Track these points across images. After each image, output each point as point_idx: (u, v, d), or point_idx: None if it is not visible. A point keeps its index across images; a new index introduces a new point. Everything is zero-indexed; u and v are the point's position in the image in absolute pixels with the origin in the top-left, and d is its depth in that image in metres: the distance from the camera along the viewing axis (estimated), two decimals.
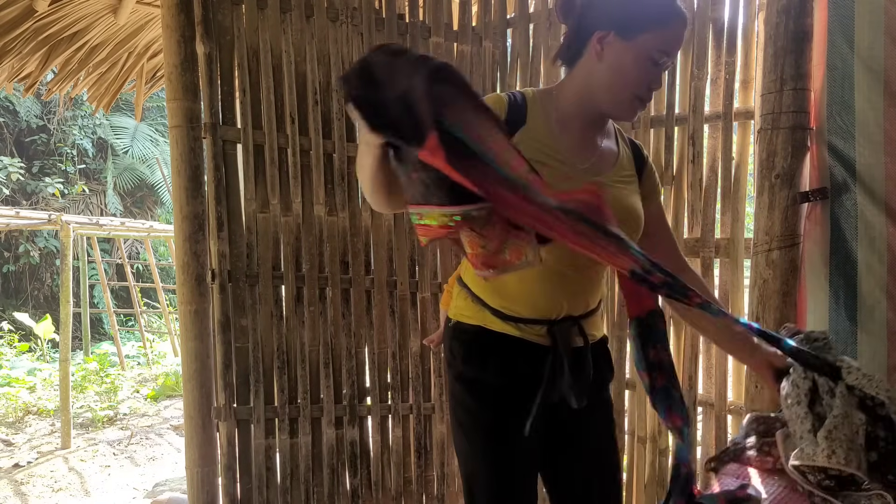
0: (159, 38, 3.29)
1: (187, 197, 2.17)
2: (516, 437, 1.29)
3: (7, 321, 8.89)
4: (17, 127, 10.78)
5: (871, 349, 1.61)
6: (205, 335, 2.20)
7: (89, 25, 3.15)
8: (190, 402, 2.20)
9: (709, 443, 2.13)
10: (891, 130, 1.56)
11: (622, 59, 1.19)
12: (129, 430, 5.26)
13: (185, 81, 2.16)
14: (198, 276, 2.18)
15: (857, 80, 1.61)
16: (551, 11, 2.46)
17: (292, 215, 2.32)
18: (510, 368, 1.29)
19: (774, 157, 1.70)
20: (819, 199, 1.67)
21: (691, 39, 2.12)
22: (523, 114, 1.28)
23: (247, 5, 2.25)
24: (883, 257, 1.58)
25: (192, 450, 2.21)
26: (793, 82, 1.67)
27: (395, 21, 2.47)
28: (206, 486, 2.21)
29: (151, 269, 8.31)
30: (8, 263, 10.30)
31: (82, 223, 6.19)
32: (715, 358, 2.11)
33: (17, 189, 10.38)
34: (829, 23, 1.65)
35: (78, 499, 3.87)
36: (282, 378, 2.29)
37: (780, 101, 1.69)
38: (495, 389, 1.30)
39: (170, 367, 7.26)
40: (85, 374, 6.60)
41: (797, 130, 1.69)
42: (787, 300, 1.70)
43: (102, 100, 3.89)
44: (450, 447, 2.54)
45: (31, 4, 2.77)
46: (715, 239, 2.10)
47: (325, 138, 2.37)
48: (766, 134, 1.72)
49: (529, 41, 2.53)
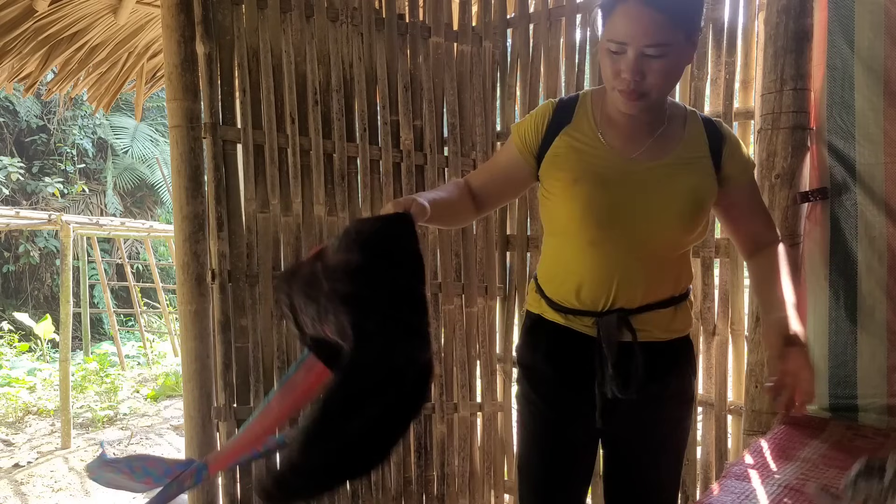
0: (159, 38, 3.29)
1: (187, 197, 2.17)
2: (563, 425, 1.36)
3: (7, 321, 8.90)
4: (17, 127, 10.78)
5: (871, 349, 1.61)
6: (205, 335, 2.20)
7: (89, 25, 3.15)
8: (190, 402, 2.20)
9: (709, 442, 2.13)
10: (891, 130, 1.56)
11: (600, 54, 1.23)
12: (129, 430, 5.26)
13: (185, 81, 2.16)
14: (198, 276, 2.18)
15: (857, 80, 1.61)
16: (551, 11, 2.46)
17: (292, 215, 2.32)
18: (558, 357, 1.35)
19: (774, 157, 1.70)
20: (819, 199, 1.67)
21: None
22: (570, 113, 1.34)
23: (247, 5, 2.25)
24: (883, 257, 1.58)
25: (192, 450, 2.21)
26: (793, 82, 1.67)
27: (395, 21, 2.47)
28: (206, 486, 2.21)
29: (151, 269, 8.31)
30: (8, 263, 10.30)
31: (82, 223, 6.19)
32: (715, 358, 2.11)
33: (17, 189, 10.38)
34: (829, 23, 1.65)
35: (78, 499, 3.87)
36: (282, 378, 2.29)
37: (780, 101, 1.69)
38: (546, 377, 1.36)
39: (170, 367, 7.26)
40: (85, 374, 6.60)
41: (797, 130, 1.68)
42: None
43: (102, 100, 3.89)
44: (450, 447, 2.55)
45: (31, 4, 2.77)
46: (715, 239, 2.10)
47: (325, 138, 2.37)
48: (766, 134, 1.72)
49: (529, 41, 2.53)
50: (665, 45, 1.15)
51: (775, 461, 1.42)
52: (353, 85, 2.43)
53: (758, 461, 1.42)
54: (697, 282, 2.14)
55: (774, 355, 1.19)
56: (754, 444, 1.54)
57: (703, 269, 2.12)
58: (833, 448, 1.48)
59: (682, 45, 1.17)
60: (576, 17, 2.42)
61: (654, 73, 1.17)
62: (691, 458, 2.15)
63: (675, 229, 1.28)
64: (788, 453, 1.45)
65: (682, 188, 1.27)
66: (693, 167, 1.29)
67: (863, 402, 1.63)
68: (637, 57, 1.16)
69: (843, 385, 1.65)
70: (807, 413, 1.65)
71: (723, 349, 2.10)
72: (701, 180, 1.29)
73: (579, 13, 2.41)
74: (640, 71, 1.17)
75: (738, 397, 2.04)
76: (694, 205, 1.27)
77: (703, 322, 2.13)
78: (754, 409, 1.74)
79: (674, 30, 1.15)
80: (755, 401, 1.75)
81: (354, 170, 2.45)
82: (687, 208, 1.27)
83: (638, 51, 1.15)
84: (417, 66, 2.51)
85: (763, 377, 1.72)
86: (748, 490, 1.28)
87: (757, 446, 1.51)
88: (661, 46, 1.15)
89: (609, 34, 1.17)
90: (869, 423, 1.61)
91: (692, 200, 1.27)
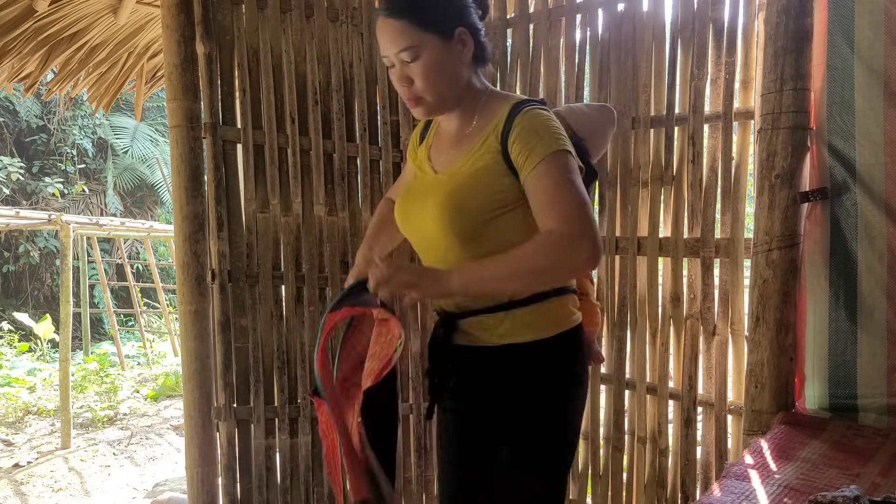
0: (159, 38, 3.29)
1: (187, 197, 2.17)
2: (442, 426, 1.45)
3: (7, 321, 8.89)
4: (17, 127, 10.78)
5: (871, 349, 1.61)
6: (205, 335, 2.20)
7: (89, 25, 3.15)
8: (190, 402, 2.20)
9: (709, 442, 2.13)
10: (891, 130, 1.56)
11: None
12: (129, 430, 5.26)
13: (185, 81, 2.16)
14: (198, 276, 2.18)
15: (857, 80, 1.61)
16: (551, 11, 2.46)
17: (292, 215, 2.32)
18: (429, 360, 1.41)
19: (774, 157, 1.70)
20: (819, 199, 1.67)
21: (691, 39, 2.12)
22: (426, 131, 1.43)
23: (247, 5, 2.25)
24: (883, 257, 1.58)
25: (192, 450, 2.21)
26: (793, 82, 1.67)
27: None
28: (206, 486, 2.21)
29: (151, 269, 8.31)
30: (8, 263, 10.30)
31: (82, 223, 6.19)
32: (715, 358, 2.11)
33: (17, 189, 10.38)
34: (829, 23, 1.65)
35: (78, 499, 3.87)
36: (282, 378, 2.29)
37: (780, 101, 1.69)
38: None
39: (170, 367, 7.26)
40: (85, 374, 6.60)
41: (797, 130, 1.68)
42: (787, 300, 1.70)
43: (102, 100, 3.89)
44: None
45: (31, 4, 2.77)
46: (715, 239, 2.10)
47: (325, 138, 2.37)
48: (766, 134, 1.72)
49: (529, 41, 2.53)
50: (413, 47, 1.20)
51: (775, 461, 1.42)
52: (353, 85, 2.43)
53: (758, 461, 1.43)
54: (697, 282, 2.14)
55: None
56: (754, 444, 1.54)
57: (703, 269, 2.12)
58: (833, 448, 1.49)
59: (436, 44, 1.21)
60: (576, 17, 2.42)
61: (418, 77, 1.22)
62: (691, 458, 2.15)
63: (446, 236, 1.26)
64: (788, 453, 1.45)
65: (441, 195, 1.25)
66: (480, 168, 1.24)
67: (863, 402, 1.63)
68: (398, 65, 1.23)
69: (843, 385, 1.65)
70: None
71: (723, 349, 2.10)
72: (477, 181, 1.24)
73: (579, 13, 2.41)
74: (404, 77, 1.24)
75: (738, 397, 2.04)
76: (452, 210, 1.23)
77: (703, 322, 2.13)
78: (754, 409, 1.74)
79: (420, 32, 1.20)
80: (755, 401, 1.75)
81: (354, 170, 2.45)
82: (443, 214, 1.24)
83: (396, 60, 1.23)
84: None
85: (763, 377, 1.72)
86: (748, 490, 1.28)
87: (757, 446, 1.51)
88: (411, 50, 1.20)
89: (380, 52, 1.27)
90: (869, 423, 1.61)
91: (448, 206, 1.24)
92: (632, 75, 2.25)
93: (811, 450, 1.47)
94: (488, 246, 1.23)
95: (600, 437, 2.41)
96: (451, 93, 1.26)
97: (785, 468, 1.38)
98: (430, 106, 1.26)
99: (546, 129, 1.20)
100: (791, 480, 1.30)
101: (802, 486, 1.27)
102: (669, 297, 2.20)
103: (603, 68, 2.33)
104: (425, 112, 1.28)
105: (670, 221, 2.19)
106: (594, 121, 1.94)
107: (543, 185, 1.16)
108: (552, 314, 1.28)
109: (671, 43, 2.18)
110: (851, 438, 1.54)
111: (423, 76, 1.22)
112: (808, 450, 1.47)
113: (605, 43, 2.33)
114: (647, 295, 2.25)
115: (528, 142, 1.18)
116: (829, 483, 1.28)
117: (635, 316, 2.28)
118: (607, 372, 2.37)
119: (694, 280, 2.16)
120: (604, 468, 2.40)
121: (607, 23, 2.33)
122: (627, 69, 2.26)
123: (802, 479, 1.32)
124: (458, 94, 1.27)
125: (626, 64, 2.26)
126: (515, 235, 1.21)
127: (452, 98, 1.27)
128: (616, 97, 2.29)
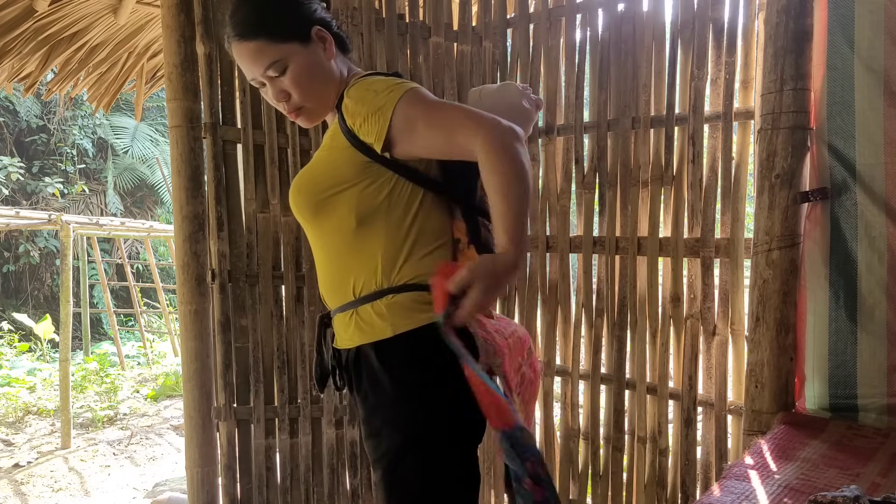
0: (159, 38, 3.29)
1: (187, 197, 2.17)
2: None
3: (7, 321, 8.90)
4: (17, 127, 10.78)
5: (871, 349, 1.61)
6: (205, 335, 2.20)
7: (89, 25, 3.15)
8: (190, 402, 2.20)
9: (709, 442, 2.13)
10: (891, 130, 1.56)
11: None
12: (129, 430, 5.26)
13: (185, 81, 2.16)
14: (198, 276, 2.18)
15: (857, 80, 1.61)
16: (551, 11, 2.46)
17: (292, 215, 2.31)
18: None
19: (774, 157, 1.70)
20: (819, 199, 1.67)
21: (691, 39, 2.12)
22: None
23: None
24: (883, 257, 1.58)
25: (192, 450, 2.21)
26: (793, 82, 1.67)
27: (395, 21, 2.47)
28: (206, 486, 2.21)
29: (151, 269, 8.32)
30: (8, 263, 10.30)
31: (82, 223, 6.19)
32: (715, 358, 2.11)
33: (17, 189, 10.38)
34: (829, 23, 1.65)
35: (78, 499, 3.87)
36: (282, 378, 2.29)
37: (780, 101, 1.69)
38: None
39: (170, 367, 7.26)
40: (85, 374, 6.60)
41: (797, 130, 1.68)
42: (787, 300, 1.70)
43: (102, 100, 3.89)
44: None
45: (31, 4, 2.77)
46: (715, 239, 2.10)
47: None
48: (766, 134, 1.72)
49: (529, 41, 2.53)
50: (278, 61, 1.20)
51: (775, 461, 1.42)
52: None
53: (758, 461, 1.43)
54: (697, 282, 2.14)
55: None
56: (754, 445, 1.54)
57: (703, 269, 2.12)
58: (833, 448, 1.48)
59: (298, 51, 1.21)
60: (576, 17, 2.42)
61: (292, 87, 1.21)
62: (691, 459, 2.15)
63: (308, 222, 1.27)
64: (788, 453, 1.45)
65: (299, 180, 1.26)
66: (324, 152, 1.25)
67: (863, 402, 1.63)
68: (269, 83, 1.21)
69: (843, 385, 1.65)
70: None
71: (723, 349, 2.10)
72: (318, 161, 1.25)
73: (579, 13, 2.41)
74: (280, 93, 1.23)
75: (738, 397, 2.04)
76: (304, 194, 1.23)
77: (703, 322, 2.13)
78: (754, 409, 1.74)
79: (279, 45, 1.19)
80: (755, 401, 1.75)
81: None
82: (301, 200, 1.24)
83: (265, 79, 1.21)
84: (417, 66, 2.51)
85: (763, 377, 1.72)
86: (748, 490, 1.28)
87: (757, 446, 1.51)
88: (276, 64, 1.19)
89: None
90: (869, 423, 1.61)
91: (301, 191, 1.24)
92: (632, 75, 2.25)
93: (811, 450, 1.47)
94: (328, 223, 1.23)
95: (600, 436, 2.41)
96: (328, 92, 1.25)
97: (785, 468, 1.38)
98: (313, 111, 1.26)
99: (377, 86, 1.18)
100: (791, 480, 1.30)
101: (802, 486, 1.27)
102: (669, 297, 2.20)
103: (603, 68, 2.33)
104: (309, 119, 1.27)
105: (670, 221, 2.19)
106: (502, 96, 1.78)
107: (423, 130, 1.13)
108: (374, 316, 1.20)
109: (671, 43, 2.18)
110: (851, 438, 1.54)
111: (296, 85, 1.21)
112: (808, 450, 1.47)
113: (605, 43, 2.33)
114: (647, 295, 2.25)
115: (371, 105, 1.15)
116: (829, 483, 1.28)
117: (635, 316, 2.29)
118: (607, 372, 2.37)
119: (694, 280, 2.16)
120: (604, 468, 2.40)
121: (607, 23, 2.33)
122: (627, 69, 2.26)
123: (802, 479, 1.32)
124: (336, 91, 1.26)
125: (626, 64, 2.27)
126: (349, 212, 1.20)
127: (332, 97, 1.26)
128: (616, 97, 2.29)
